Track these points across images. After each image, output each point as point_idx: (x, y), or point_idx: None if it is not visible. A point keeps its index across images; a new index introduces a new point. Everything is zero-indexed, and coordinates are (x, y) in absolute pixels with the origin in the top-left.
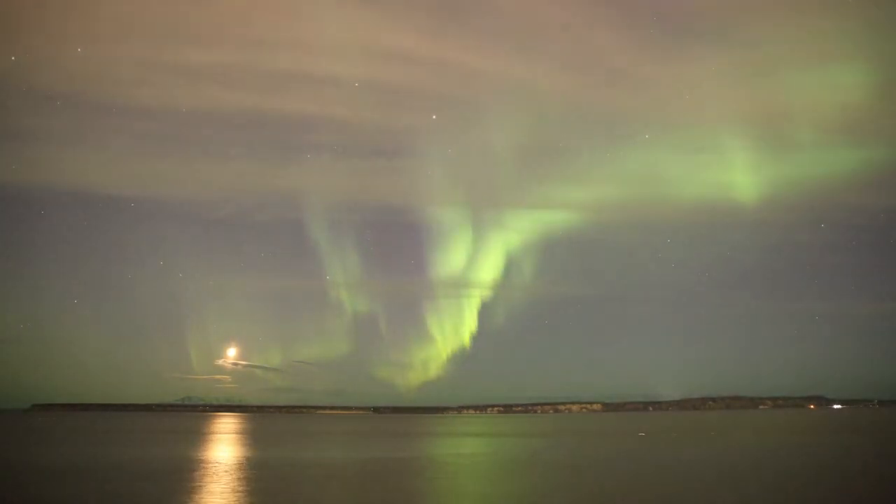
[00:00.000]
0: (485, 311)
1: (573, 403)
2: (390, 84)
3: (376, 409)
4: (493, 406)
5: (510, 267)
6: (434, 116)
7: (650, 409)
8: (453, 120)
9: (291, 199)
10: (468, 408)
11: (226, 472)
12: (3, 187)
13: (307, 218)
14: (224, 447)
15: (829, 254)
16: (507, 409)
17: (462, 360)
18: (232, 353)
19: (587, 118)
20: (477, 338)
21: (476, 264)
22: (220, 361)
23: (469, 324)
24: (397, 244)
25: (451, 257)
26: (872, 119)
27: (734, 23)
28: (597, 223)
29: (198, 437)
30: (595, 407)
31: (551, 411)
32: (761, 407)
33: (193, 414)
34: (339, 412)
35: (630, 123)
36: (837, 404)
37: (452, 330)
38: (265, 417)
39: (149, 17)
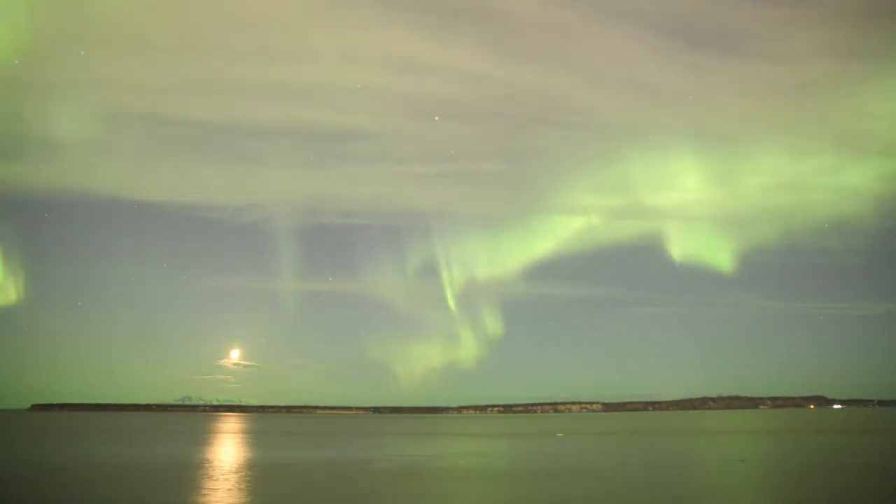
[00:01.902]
0: (486, 312)
1: (573, 403)
2: (412, 92)
3: (376, 409)
4: (492, 406)
5: (511, 268)
6: (437, 118)
7: (650, 408)
8: (467, 126)
9: (306, 204)
10: (468, 408)
11: (227, 471)
12: (8, 189)
13: (314, 222)
14: (226, 447)
15: (833, 255)
16: (507, 409)
17: (462, 360)
18: (234, 353)
19: (589, 124)
20: (477, 338)
21: (478, 266)
22: (222, 361)
23: (470, 325)
24: (404, 247)
25: (454, 260)
26: (884, 129)
27: (753, 36)
28: (598, 226)
29: (199, 436)
30: (595, 407)
31: (551, 411)
32: (761, 407)
33: (194, 414)
34: (340, 412)
35: (641, 128)
36: (837, 404)
37: (454, 331)
38: (266, 417)
39: (164, 31)
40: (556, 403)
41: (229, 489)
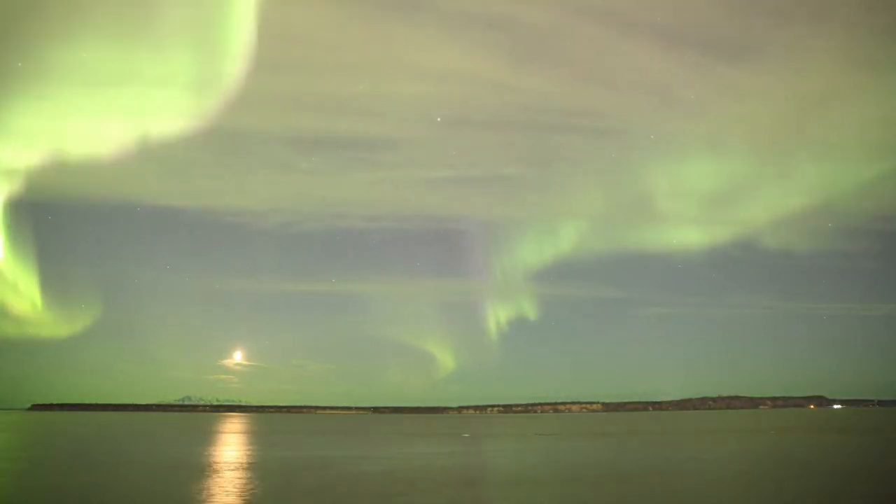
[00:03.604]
0: (486, 313)
1: (573, 403)
2: (434, 100)
3: (376, 410)
4: (492, 406)
5: (512, 269)
6: (457, 125)
7: (650, 408)
8: (488, 133)
9: (328, 209)
10: (468, 408)
11: (226, 471)
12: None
13: (336, 226)
14: (225, 447)
15: (834, 257)
16: (507, 409)
17: (462, 360)
18: (235, 354)
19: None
20: (477, 339)
21: (484, 268)
22: (224, 361)
23: (470, 325)
24: (406, 249)
25: (459, 262)
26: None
27: (768, 46)
28: (604, 229)
29: (200, 436)
30: (595, 407)
31: (551, 411)
32: (761, 407)
33: (194, 414)
34: (339, 412)
35: (657, 134)
36: (837, 404)
37: (455, 331)
38: (266, 417)
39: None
40: (556, 403)
41: (228, 489)
